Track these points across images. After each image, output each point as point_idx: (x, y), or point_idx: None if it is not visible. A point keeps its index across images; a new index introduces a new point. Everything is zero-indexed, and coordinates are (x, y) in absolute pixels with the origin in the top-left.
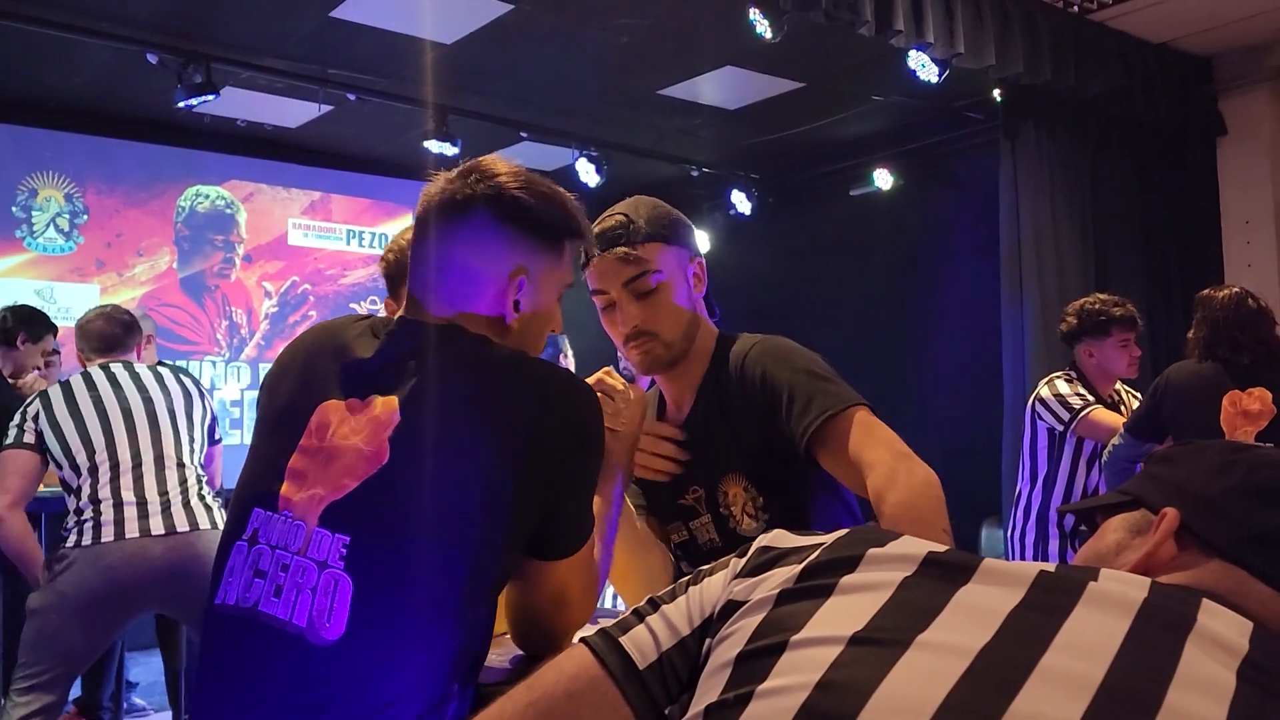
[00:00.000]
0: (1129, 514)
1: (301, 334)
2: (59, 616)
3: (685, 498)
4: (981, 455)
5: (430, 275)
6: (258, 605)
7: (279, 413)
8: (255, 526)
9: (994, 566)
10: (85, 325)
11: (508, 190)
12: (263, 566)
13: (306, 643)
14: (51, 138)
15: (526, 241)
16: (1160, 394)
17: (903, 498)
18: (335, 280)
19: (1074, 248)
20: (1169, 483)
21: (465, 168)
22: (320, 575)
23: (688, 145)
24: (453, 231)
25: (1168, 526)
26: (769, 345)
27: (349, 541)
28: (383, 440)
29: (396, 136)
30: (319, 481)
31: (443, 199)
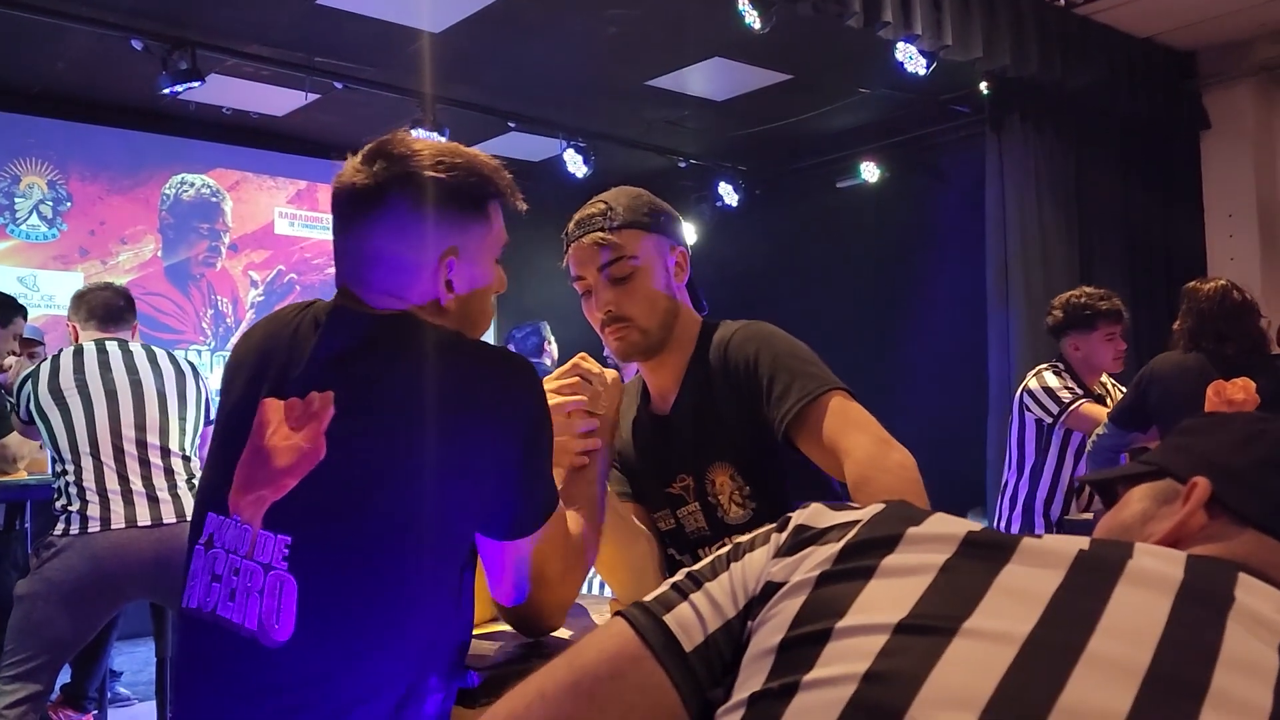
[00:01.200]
0: (1154, 483)
1: (253, 328)
2: (45, 604)
3: (672, 486)
4: (967, 444)
5: (358, 268)
6: (216, 609)
7: (227, 414)
8: (210, 531)
9: (1033, 546)
10: (87, 295)
11: (418, 172)
12: (218, 570)
13: (259, 645)
14: (34, 124)
15: (449, 219)
16: (1145, 384)
17: (882, 483)
18: (322, 270)
19: (1059, 240)
20: (1196, 453)
21: (369, 152)
22: (266, 577)
23: (675, 136)
24: (371, 223)
25: (1199, 496)
26: (751, 331)
27: (290, 542)
28: (320, 435)
29: (384, 126)
30: (262, 482)
31: (354, 190)
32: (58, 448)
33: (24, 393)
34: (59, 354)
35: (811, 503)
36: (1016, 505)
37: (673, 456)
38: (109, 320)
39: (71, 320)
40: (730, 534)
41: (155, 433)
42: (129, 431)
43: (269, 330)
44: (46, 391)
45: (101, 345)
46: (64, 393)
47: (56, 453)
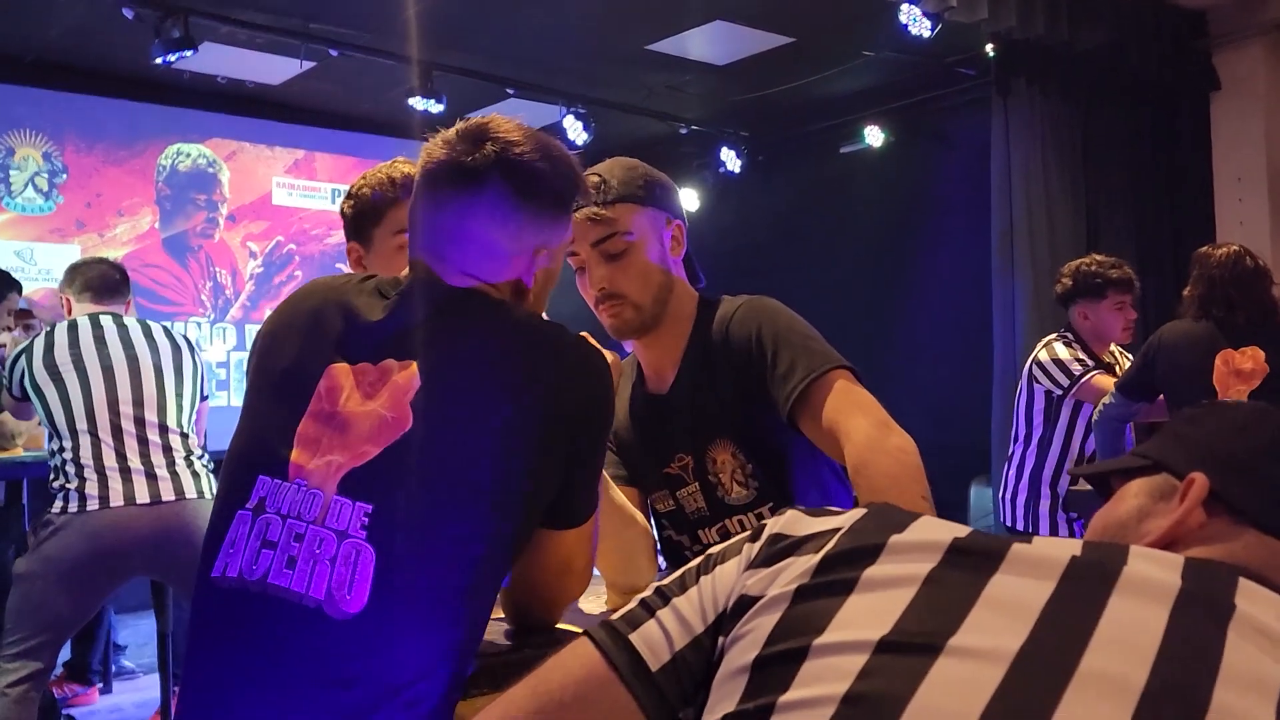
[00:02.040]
0: (1150, 478)
1: (299, 291)
2: (44, 582)
3: (671, 467)
4: (971, 414)
5: (443, 245)
6: (267, 578)
7: (281, 374)
8: (261, 495)
9: (1022, 553)
10: (82, 268)
11: (524, 161)
12: (272, 537)
13: (325, 616)
14: (27, 94)
15: (545, 217)
16: (1153, 353)
17: (881, 467)
18: (321, 240)
19: (1066, 206)
20: (1194, 445)
21: (472, 130)
22: (340, 545)
23: (676, 102)
24: (467, 203)
25: (1197, 493)
26: (753, 307)
27: (371, 510)
28: (405, 405)
29: (381, 93)
30: (335, 448)
31: (452, 165)
32: (54, 424)
33: (17, 368)
34: (53, 329)
35: (788, 509)
36: (1023, 477)
37: (671, 436)
38: (104, 293)
39: (65, 293)
40: (731, 514)
41: (153, 409)
42: (126, 408)
43: (322, 296)
44: (42, 367)
45: (96, 319)
46: (59, 368)
47: (53, 429)
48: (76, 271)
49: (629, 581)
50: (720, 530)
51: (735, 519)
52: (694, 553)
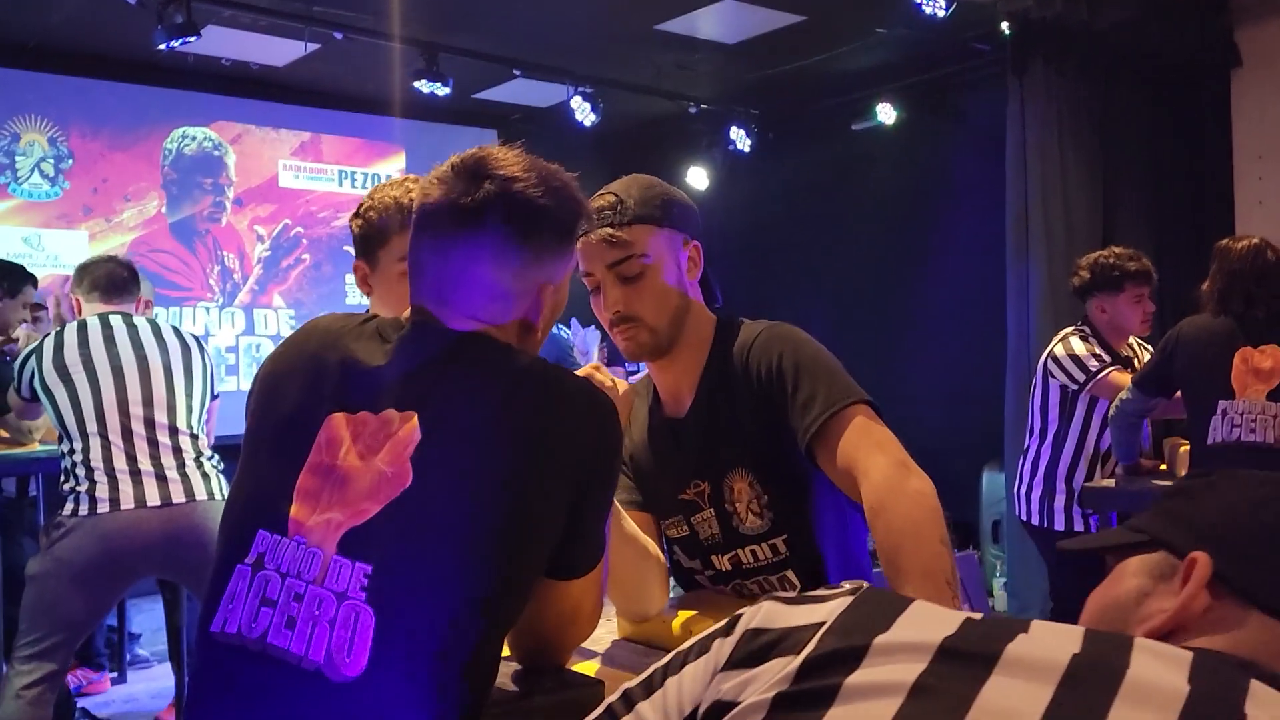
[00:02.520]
0: (1148, 556)
1: (298, 333)
2: (57, 582)
3: (686, 492)
4: (984, 398)
5: (445, 290)
6: (266, 637)
7: (280, 423)
8: (261, 550)
9: (1019, 654)
10: (91, 266)
11: (526, 198)
12: (271, 595)
13: (324, 679)
14: (31, 79)
15: (550, 253)
16: (1171, 349)
17: (900, 510)
18: (328, 223)
19: (1082, 185)
20: (1193, 522)
21: (469, 166)
22: (340, 607)
23: (686, 81)
24: (468, 245)
25: (1200, 575)
26: (775, 334)
27: (370, 571)
28: (404, 461)
29: (386, 75)
30: (335, 504)
31: (450, 206)
32: (64, 426)
33: (27, 369)
34: (62, 329)
35: (764, 599)
36: (1038, 472)
37: (687, 462)
38: (112, 292)
39: (74, 293)
40: (745, 544)
41: (163, 410)
42: (136, 409)
43: (320, 339)
44: (51, 368)
45: (105, 319)
46: (69, 369)
47: (63, 430)
48: (85, 271)
49: (641, 611)
50: (732, 558)
51: (748, 549)
52: (706, 578)
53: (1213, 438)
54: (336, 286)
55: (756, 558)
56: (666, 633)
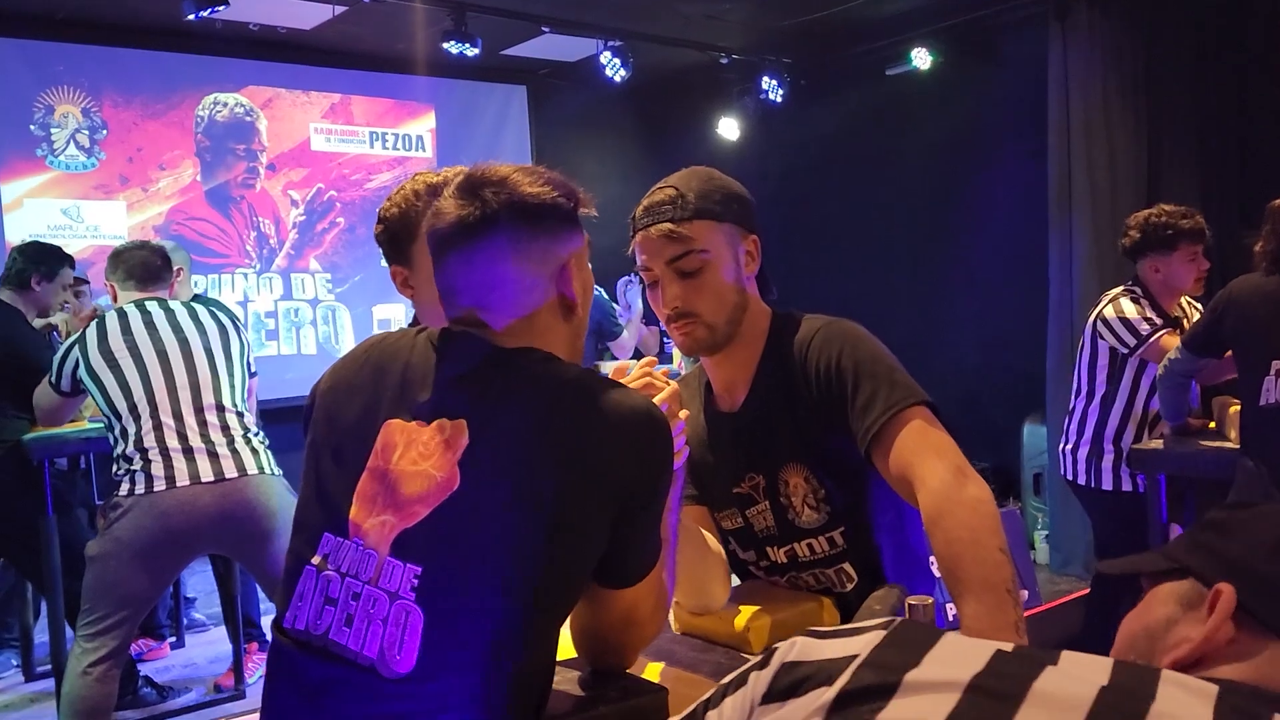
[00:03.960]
0: (1178, 584)
1: (358, 347)
2: (117, 562)
3: (741, 486)
4: (1026, 347)
5: (482, 296)
6: (328, 634)
7: (343, 432)
8: (325, 551)
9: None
10: (124, 255)
11: (523, 191)
12: (333, 594)
13: (378, 675)
14: (62, 50)
15: (560, 232)
16: (1222, 309)
17: (959, 518)
18: (361, 185)
19: (1126, 133)
20: (1223, 555)
21: (468, 184)
22: (391, 606)
23: (716, 31)
24: (489, 251)
25: (1225, 607)
26: (834, 331)
27: (420, 573)
28: (453, 466)
29: (415, 34)
30: (388, 507)
31: (460, 224)
32: (115, 409)
33: (70, 360)
34: (103, 319)
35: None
36: (1085, 432)
37: (742, 455)
38: (147, 280)
39: (110, 280)
40: (801, 537)
41: (209, 390)
42: (184, 392)
43: (379, 354)
44: (98, 354)
45: (143, 306)
46: (115, 355)
47: (113, 413)
48: (119, 260)
49: (702, 605)
50: (788, 552)
51: (804, 542)
52: (761, 569)
53: (1265, 399)
54: (372, 249)
55: (813, 551)
56: (726, 628)
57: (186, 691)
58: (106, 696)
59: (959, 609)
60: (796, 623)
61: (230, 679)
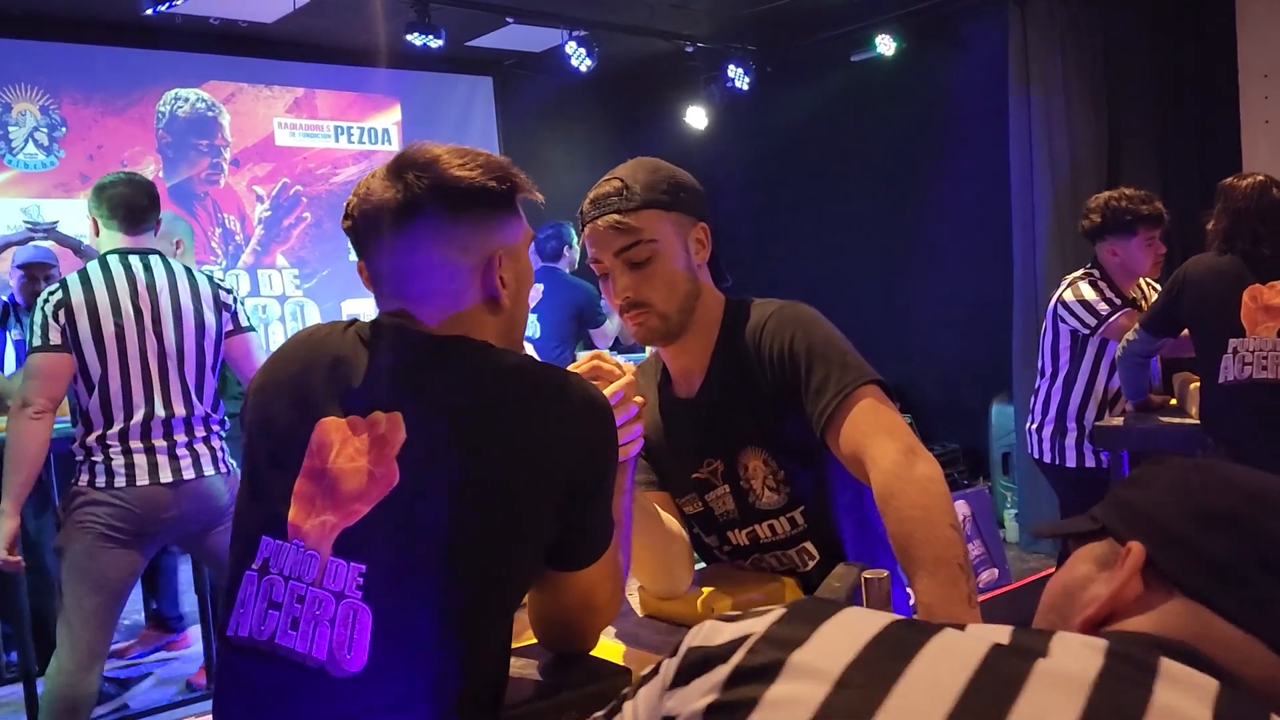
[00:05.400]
0: (1096, 544)
1: (286, 345)
2: (82, 545)
3: (700, 471)
4: (993, 328)
5: (405, 286)
6: (274, 638)
7: (275, 433)
8: (265, 555)
9: (924, 669)
10: (109, 189)
11: (454, 178)
12: (276, 598)
13: (328, 676)
14: (18, 48)
15: (490, 221)
16: (1178, 289)
17: (908, 498)
18: (327, 180)
19: (1086, 112)
20: (1134, 510)
21: (393, 166)
22: (338, 606)
23: (681, 19)
24: (412, 237)
25: (1133, 563)
26: (786, 315)
27: (365, 570)
28: (391, 460)
29: (378, 26)
30: (328, 507)
31: (386, 206)
32: (89, 391)
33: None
34: (87, 277)
35: (706, 620)
36: (1049, 411)
37: (700, 441)
38: (133, 222)
39: (93, 214)
40: (762, 519)
41: (179, 397)
42: (157, 397)
43: (308, 349)
44: (89, 332)
45: (127, 263)
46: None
47: (85, 395)
48: (103, 194)
49: (667, 589)
50: (749, 534)
51: (765, 524)
52: (725, 553)
53: (1224, 376)
54: (339, 244)
55: (775, 532)
56: (690, 610)
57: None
58: (88, 693)
59: (913, 585)
60: (760, 603)
61: (203, 677)
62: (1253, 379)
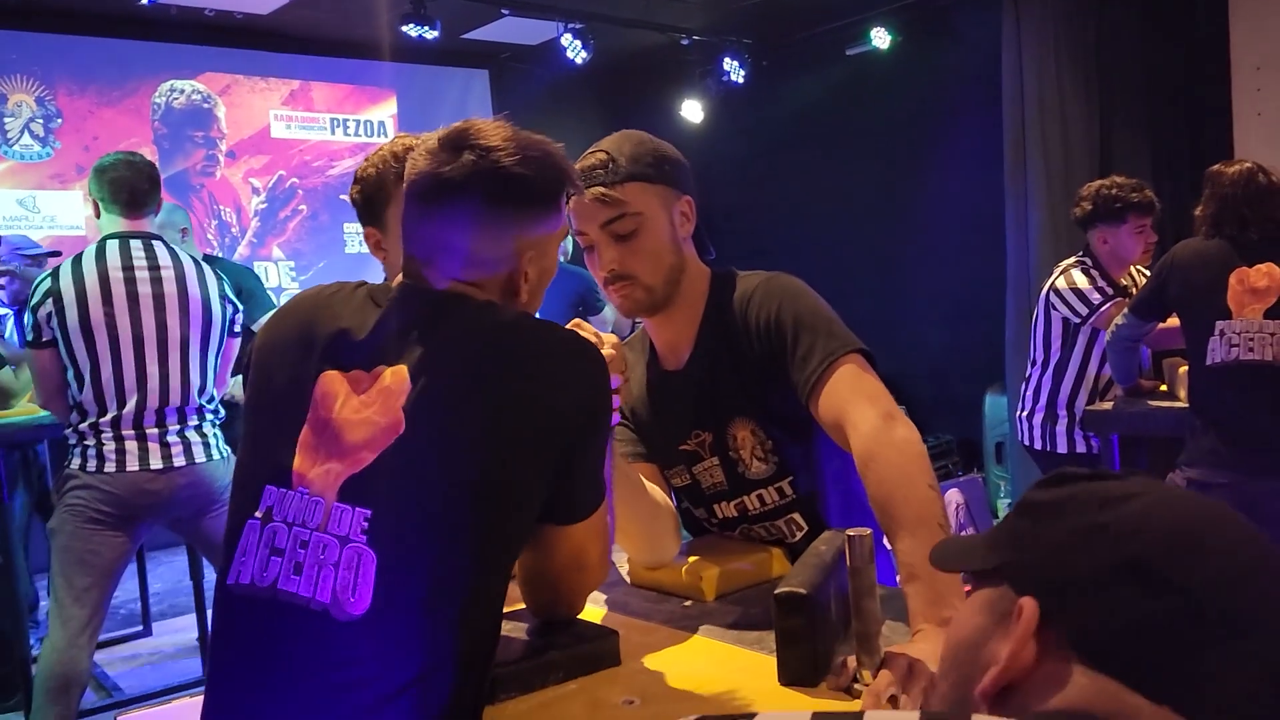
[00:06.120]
0: (992, 590)
1: (288, 303)
2: (72, 527)
3: (688, 443)
4: (986, 319)
5: (430, 253)
6: (276, 584)
7: (278, 386)
8: (269, 504)
9: None
10: (108, 171)
11: (502, 167)
12: (279, 544)
13: (331, 619)
14: (14, 38)
15: (529, 216)
16: (1166, 273)
17: (887, 459)
18: (323, 172)
19: (1079, 104)
20: (1030, 559)
21: (453, 138)
22: (342, 550)
23: (677, 12)
24: (449, 213)
25: (1025, 627)
26: (773, 286)
27: (370, 515)
28: (397, 410)
29: (374, 18)
30: (334, 455)
31: (432, 176)
32: (80, 383)
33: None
34: (79, 264)
35: None
36: (1040, 399)
37: (688, 413)
38: (133, 206)
39: (94, 196)
40: (751, 489)
41: (176, 391)
42: (151, 387)
43: (314, 305)
44: (75, 319)
45: (127, 249)
46: (92, 328)
47: (76, 377)
48: (102, 175)
49: (655, 559)
50: (738, 505)
51: (754, 494)
52: (713, 526)
53: (1211, 358)
54: (335, 236)
55: (763, 502)
56: (676, 579)
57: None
58: (79, 670)
59: (894, 546)
60: (748, 571)
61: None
62: (1239, 360)
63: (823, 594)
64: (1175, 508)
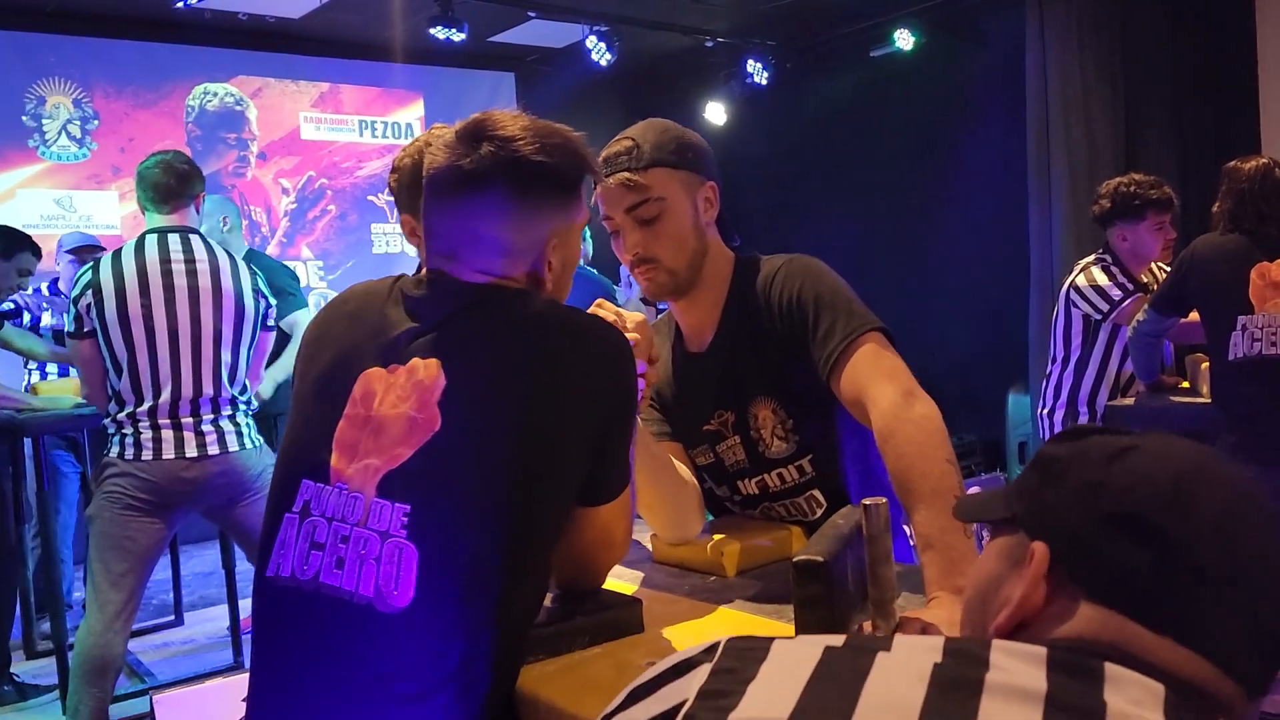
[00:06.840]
0: (1008, 538)
1: (337, 298)
2: (110, 514)
3: (711, 423)
4: (1009, 320)
5: (456, 247)
6: (318, 577)
7: (320, 381)
8: (306, 498)
9: (878, 698)
10: (144, 173)
11: (523, 157)
12: (319, 539)
13: (376, 612)
14: (53, 42)
15: (552, 204)
16: (1186, 268)
17: (906, 435)
18: (351, 173)
19: (1103, 105)
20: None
21: (471, 130)
22: (384, 545)
23: (701, 15)
24: (471, 206)
25: (1037, 569)
26: (795, 268)
27: (409, 510)
28: (433, 406)
29: (402, 21)
30: (372, 451)
31: (452, 170)
32: (118, 373)
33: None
34: (119, 258)
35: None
36: (1061, 396)
37: (711, 393)
38: (164, 201)
39: (139, 198)
40: (771, 468)
41: (209, 381)
42: (185, 377)
43: (358, 302)
44: (114, 310)
45: (165, 242)
46: (130, 319)
47: (115, 376)
48: (140, 179)
49: (680, 535)
50: (759, 483)
51: (774, 472)
52: (735, 504)
53: (1233, 353)
54: (363, 236)
55: (783, 480)
56: (698, 555)
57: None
58: (115, 653)
59: (911, 519)
60: (768, 548)
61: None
62: (1262, 355)
63: (840, 564)
64: (1171, 461)
